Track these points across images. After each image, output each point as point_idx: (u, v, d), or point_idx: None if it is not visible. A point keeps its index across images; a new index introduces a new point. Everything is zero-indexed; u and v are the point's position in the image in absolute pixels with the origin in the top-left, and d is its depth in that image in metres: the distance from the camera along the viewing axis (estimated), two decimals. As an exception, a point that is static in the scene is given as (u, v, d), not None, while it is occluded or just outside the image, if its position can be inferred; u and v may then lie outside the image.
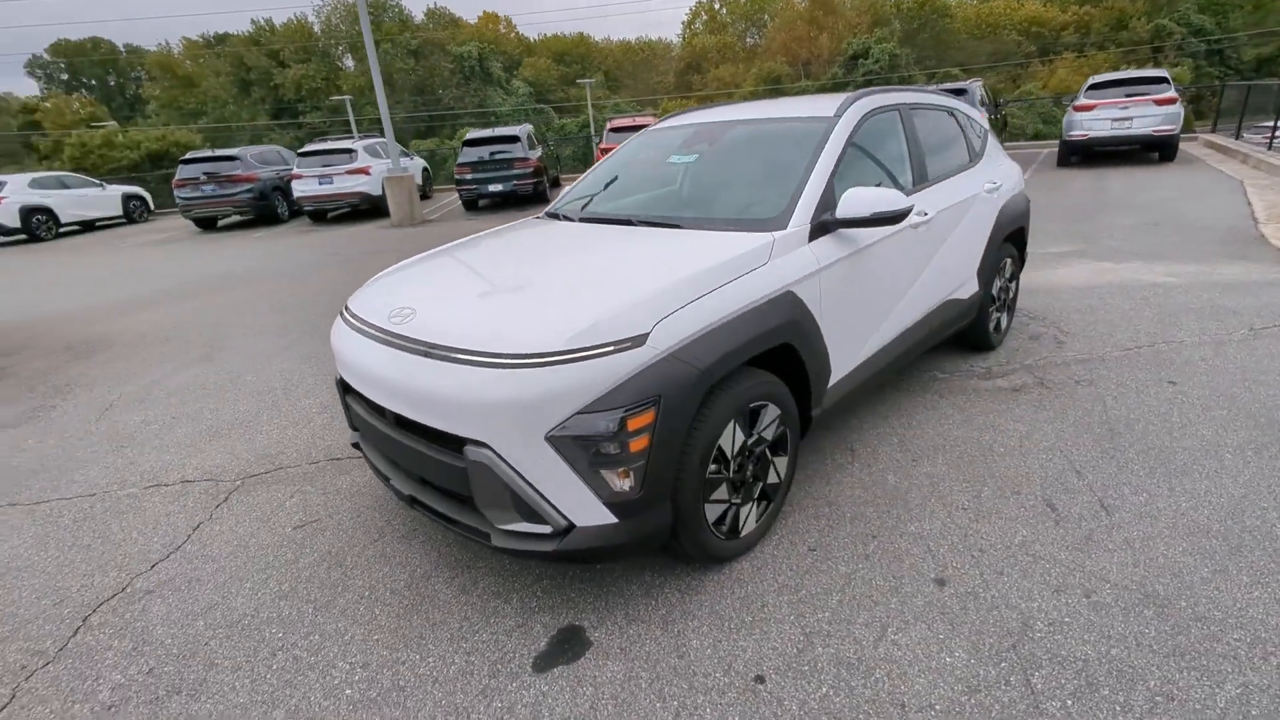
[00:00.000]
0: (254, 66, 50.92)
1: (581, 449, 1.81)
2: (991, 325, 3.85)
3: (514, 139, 13.32)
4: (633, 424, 1.81)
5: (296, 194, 13.56)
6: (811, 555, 2.31)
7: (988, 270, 3.57)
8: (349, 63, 50.48)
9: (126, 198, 17.65)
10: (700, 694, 1.79)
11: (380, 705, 1.83)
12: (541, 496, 1.86)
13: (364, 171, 13.30)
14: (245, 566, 2.51)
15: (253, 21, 54.36)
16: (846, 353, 2.63)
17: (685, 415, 1.90)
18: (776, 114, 3.01)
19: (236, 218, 14.97)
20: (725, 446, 2.10)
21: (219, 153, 14.55)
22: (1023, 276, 5.44)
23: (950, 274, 3.28)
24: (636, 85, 54.56)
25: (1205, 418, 3.00)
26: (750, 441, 2.20)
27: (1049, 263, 5.89)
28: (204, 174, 13.83)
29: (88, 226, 16.90)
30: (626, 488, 1.87)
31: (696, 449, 1.99)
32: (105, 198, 17.11)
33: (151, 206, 18.42)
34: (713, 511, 2.13)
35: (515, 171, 12.85)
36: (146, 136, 26.64)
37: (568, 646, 1.99)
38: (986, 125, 3.88)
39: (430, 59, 46.66)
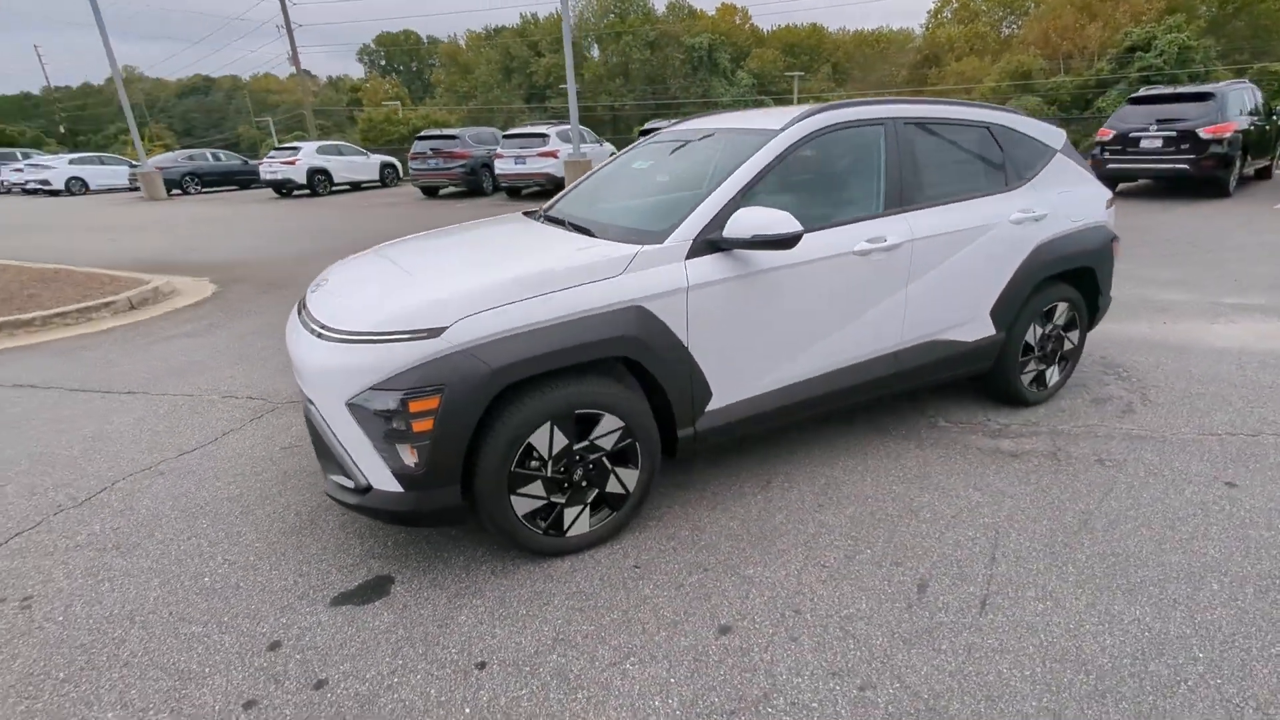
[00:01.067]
0: (516, 56, 57.32)
1: (374, 420, 2.03)
2: (1026, 378, 3.26)
3: (688, 131, 13.56)
4: (415, 406, 1.99)
5: (497, 171, 15.27)
6: (633, 572, 2.29)
7: (1009, 312, 3.04)
8: (595, 52, 54.51)
9: (383, 165, 21.21)
10: (425, 661, 1.94)
11: (212, 596, 2.25)
12: (346, 454, 2.13)
13: (553, 155, 14.52)
14: (228, 470, 3.14)
15: (520, 15, 61.03)
16: (738, 378, 2.50)
17: (474, 407, 2.03)
18: (737, 125, 2.87)
19: (452, 189, 17.22)
20: (539, 445, 2.17)
21: (444, 131, 16.86)
22: (1161, 327, 4.47)
23: (937, 309, 2.87)
24: (865, 80, 51.43)
25: (1231, 535, 2.32)
26: (579, 446, 2.25)
27: (1208, 314, 4.70)
28: (431, 149, 16.13)
29: (355, 187, 20.67)
30: (412, 464, 2.06)
31: (498, 441, 2.10)
32: (368, 164, 20.74)
33: (400, 174, 21.87)
34: (524, 504, 2.23)
35: (684, 162, 13.08)
36: (415, 115, 31.55)
37: (369, 592, 2.25)
38: (1057, 146, 3.23)
39: (665, 50, 48.55)
